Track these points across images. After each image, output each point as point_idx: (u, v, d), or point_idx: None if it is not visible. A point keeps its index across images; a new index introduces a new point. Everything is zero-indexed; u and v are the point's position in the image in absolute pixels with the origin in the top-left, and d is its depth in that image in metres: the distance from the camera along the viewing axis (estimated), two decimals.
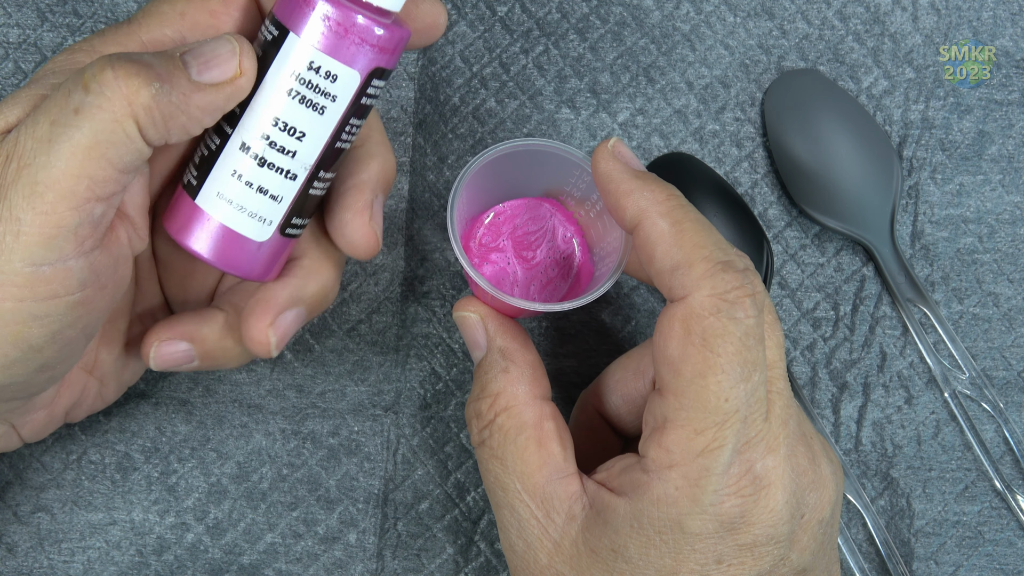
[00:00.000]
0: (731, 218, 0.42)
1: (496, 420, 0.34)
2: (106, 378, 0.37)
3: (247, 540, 0.41)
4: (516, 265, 0.38)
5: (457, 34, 0.43)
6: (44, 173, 0.28)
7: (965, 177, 0.43)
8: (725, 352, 0.29)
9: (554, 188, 0.38)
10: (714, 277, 0.29)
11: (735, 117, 0.43)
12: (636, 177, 0.32)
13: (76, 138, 0.28)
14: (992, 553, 0.42)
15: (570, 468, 0.33)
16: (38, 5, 0.43)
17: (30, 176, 0.28)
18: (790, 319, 0.43)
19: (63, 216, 0.28)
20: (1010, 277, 0.43)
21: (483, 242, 0.38)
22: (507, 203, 0.38)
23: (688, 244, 0.30)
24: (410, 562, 0.42)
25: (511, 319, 0.36)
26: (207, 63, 0.30)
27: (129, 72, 0.29)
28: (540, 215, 0.38)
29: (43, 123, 0.29)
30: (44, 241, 0.28)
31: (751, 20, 0.44)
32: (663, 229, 0.31)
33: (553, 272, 0.38)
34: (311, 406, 0.42)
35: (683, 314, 0.30)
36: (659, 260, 0.31)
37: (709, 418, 0.29)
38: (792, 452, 0.31)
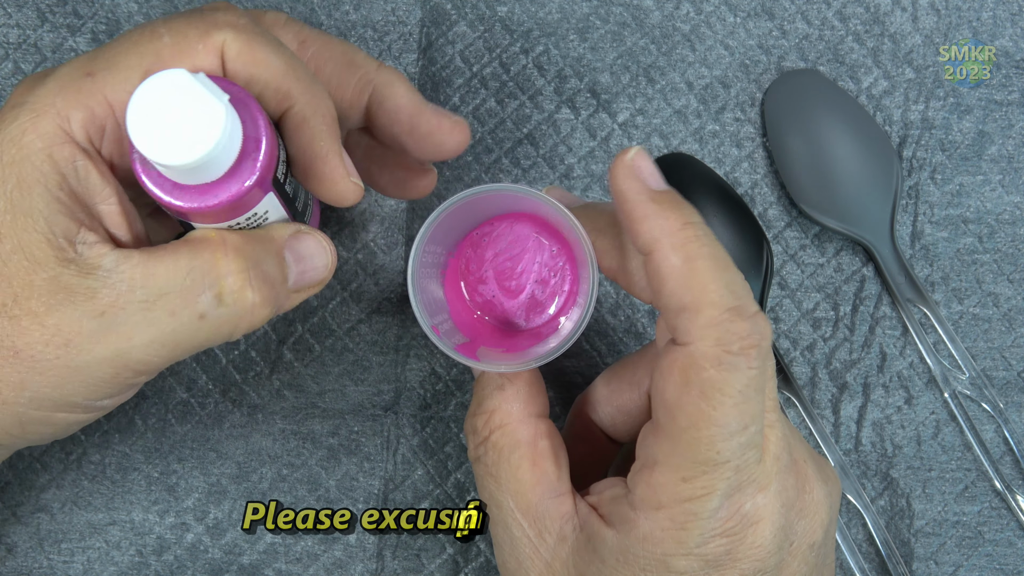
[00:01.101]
0: (731, 218, 0.42)
1: (491, 437, 0.34)
2: None
3: (247, 540, 0.41)
4: (501, 297, 0.38)
5: (457, 34, 0.43)
6: (134, 350, 0.29)
7: (965, 177, 0.43)
8: (722, 406, 0.28)
9: (535, 212, 0.38)
10: (720, 326, 0.28)
11: (735, 117, 0.43)
12: (653, 200, 0.30)
13: (183, 340, 0.29)
14: (992, 553, 0.42)
15: (563, 487, 0.33)
16: (38, 5, 0.43)
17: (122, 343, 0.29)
18: (790, 319, 0.43)
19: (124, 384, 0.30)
20: (1010, 277, 0.43)
21: (470, 269, 0.38)
22: (488, 224, 0.38)
23: (697, 286, 0.28)
24: (410, 562, 0.42)
25: None
26: (305, 274, 0.32)
27: (266, 299, 0.30)
28: (522, 234, 0.38)
29: (160, 308, 0.28)
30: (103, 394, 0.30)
31: (751, 20, 0.44)
32: (673, 265, 0.29)
33: (541, 295, 0.38)
34: (311, 406, 0.42)
35: (684, 362, 0.28)
36: (666, 298, 0.29)
37: (699, 467, 0.28)
38: (783, 486, 0.30)
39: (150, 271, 0.28)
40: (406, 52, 0.43)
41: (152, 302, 0.28)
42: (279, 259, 0.31)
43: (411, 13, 0.43)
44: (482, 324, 0.38)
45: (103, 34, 0.43)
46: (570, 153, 0.43)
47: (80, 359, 0.28)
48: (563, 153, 0.43)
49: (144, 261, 0.28)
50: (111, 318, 0.28)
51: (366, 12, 0.43)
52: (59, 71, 0.28)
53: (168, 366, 0.31)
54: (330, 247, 0.32)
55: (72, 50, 0.43)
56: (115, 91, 0.28)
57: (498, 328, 0.38)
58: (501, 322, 0.38)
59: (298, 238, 0.32)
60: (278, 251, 0.31)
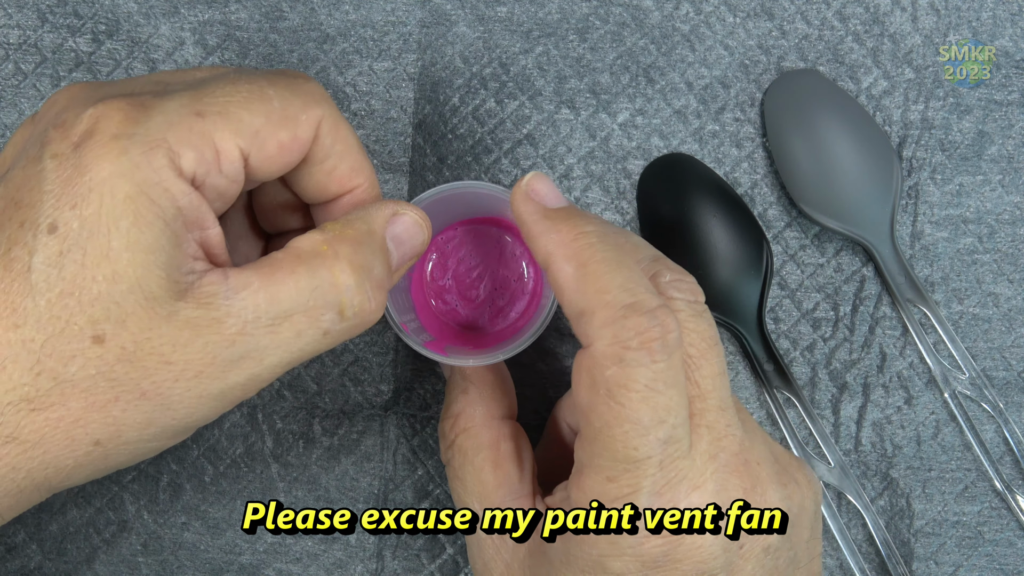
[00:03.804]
0: (730, 218, 0.42)
1: (456, 440, 0.34)
2: None
3: (246, 540, 0.41)
4: (463, 306, 0.40)
5: (457, 34, 0.43)
6: (265, 371, 0.29)
7: (965, 177, 0.43)
8: (629, 402, 0.28)
9: (495, 214, 0.39)
10: (615, 324, 0.28)
11: (735, 117, 0.43)
12: (546, 217, 0.31)
13: (308, 355, 0.29)
14: (992, 553, 0.42)
15: (525, 489, 0.33)
16: (38, 6, 0.43)
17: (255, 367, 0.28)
18: (790, 319, 0.43)
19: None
20: (1010, 277, 0.43)
21: (434, 277, 0.40)
22: (451, 230, 0.39)
23: (591, 289, 0.29)
24: (410, 562, 0.42)
25: None
26: (405, 256, 0.32)
27: (381, 303, 0.30)
28: (485, 241, 0.40)
29: (286, 330, 0.28)
30: None
31: (751, 20, 0.44)
32: (568, 273, 0.29)
33: (502, 301, 0.40)
34: (310, 406, 0.42)
35: (588, 364, 0.28)
36: (567, 307, 0.29)
37: (619, 466, 0.28)
38: (722, 486, 0.30)
39: (273, 295, 0.28)
40: (405, 52, 0.43)
41: (278, 325, 0.28)
42: (384, 254, 0.31)
43: (411, 13, 0.43)
44: (447, 327, 0.39)
45: (103, 34, 0.43)
46: (570, 153, 0.43)
47: (214, 388, 0.28)
48: (563, 153, 0.43)
49: (265, 285, 0.28)
50: (242, 346, 0.28)
51: (366, 12, 0.43)
52: (164, 104, 0.28)
53: None
54: (424, 220, 0.33)
55: (72, 51, 0.43)
56: (223, 139, 0.28)
57: (462, 331, 0.40)
58: (465, 327, 0.40)
59: (395, 222, 0.32)
60: (382, 245, 0.31)
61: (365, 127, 0.43)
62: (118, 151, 0.26)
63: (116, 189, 0.26)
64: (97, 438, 0.27)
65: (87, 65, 0.43)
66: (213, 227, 0.28)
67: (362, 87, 0.43)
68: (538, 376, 0.42)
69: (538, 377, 0.42)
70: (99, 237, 0.26)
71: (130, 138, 0.26)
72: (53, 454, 0.27)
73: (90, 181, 0.26)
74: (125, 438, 0.27)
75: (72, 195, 0.26)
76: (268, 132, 0.29)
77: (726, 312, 0.42)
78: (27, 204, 0.26)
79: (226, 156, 0.28)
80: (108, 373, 0.26)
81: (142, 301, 0.26)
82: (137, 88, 0.29)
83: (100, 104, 0.27)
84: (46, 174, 0.26)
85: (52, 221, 0.26)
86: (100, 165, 0.26)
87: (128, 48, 0.43)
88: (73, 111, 0.27)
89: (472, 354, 0.36)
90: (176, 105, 0.28)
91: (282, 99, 0.29)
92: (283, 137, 0.29)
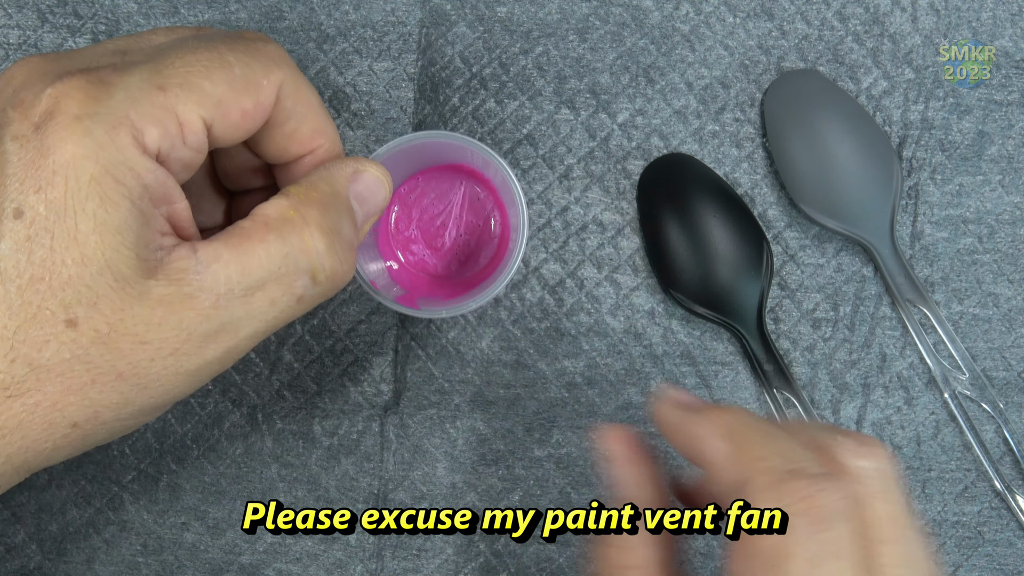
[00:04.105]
0: (730, 218, 0.42)
1: None
2: None
3: (246, 540, 0.41)
4: (430, 255, 0.40)
5: (457, 35, 0.43)
6: (241, 343, 0.29)
7: (965, 177, 0.43)
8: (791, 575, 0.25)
9: (460, 161, 0.40)
10: (776, 489, 0.25)
11: (735, 118, 0.43)
12: (692, 410, 0.29)
13: (282, 322, 0.29)
14: (992, 553, 0.42)
15: None
16: (38, 6, 0.43)
17: (230, 339, 0.28)
18: (790, 319, 0.43)
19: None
20: (1010, 277, 0.43)
21: (399, 229, 0.40)
22: (412, 180, 0.40)
23: (746, 459, 0.26)
24: (410, 562, 0.42)
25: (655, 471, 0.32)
26: (369, 214, 0.32)
27: (352, 263, 0.30)
28: (448, 188, 0.40)
29: (260, 300, 0.28)
30: None
31: (751, 21, 0.44)
32: (721, 449, 0.27)
33: (468, 247, 0.40)
34: (310, 406, 0.42)
35: (744, 538, 0.26)
36: (718, 483, 0.27)
37: None
38: None
39: (244, 265, 0.28)
40: (405, 52, 0.43)
41: (251, 295, 0.28)
42: (350, 213, 0.31)
43: (411, 13, 0.43)
44: (417, 278, 0.40)
45: (103, 34, 0.43)
46: (569, 154, 0.43)
47: (191, 364, 0.28)
48: (563, 154, 0.43)
49: (235, 256, 0.28)
50: (216, 319, 0.27)
51: (366, 12, 0.43)
52: (125, 80, 0.27)
53: None
54: (385, 175, 0.33)
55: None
56: (186, 111, 0.28)
57: (434, 281, 0.40)
58: (435, 276, 0.40)
59: (357, 179, 0.32)
60: (347, 205, 0.31)
61: (365, 127, 0.43)
62: (81, 132, 0.26)
63: (81, 171, 0.26)
64: (75, 420, 0.27)
65: None
66: (180, 201, 0.28)
67: (362, 87, 0.43)
68: (538, 376, 0.42)
69: (538, 377, 0.42)
70: (66, 220, 0.25)
71: (92, 118, 0.26)
72: (31, 438, 0.27)
73: (54, 164, 0.25)
74: (102, 418, 0.27)
75: (36, 178, 0.25)
76: (231, 100, 0.29)
77: (726, 312, 0.42)
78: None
79: (190, 128, 0.28)
80: (83, 356, 0.26)
81: (112, 282, 0.26)
82: (95, 60, 0.28)
83: (59, 83, 0.26)
84: (8, 156, 0.26)
85: (17, 206, 0.25)
86: (64, 147, 0.25)
87: None
88: (31, 89, 0.27)
89: (445, 304, 0.36)
90: (137, 80, 0.27)
91: (243, 65, 0.29)
92: (246, 104, 0.29)
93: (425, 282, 0.40)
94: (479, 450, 0.42)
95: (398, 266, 0.40)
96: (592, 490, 0.42)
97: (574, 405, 0.42)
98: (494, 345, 0.42)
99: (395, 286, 0.37)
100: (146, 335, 0.27)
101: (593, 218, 0.43)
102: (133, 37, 0.30)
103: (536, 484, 0.42)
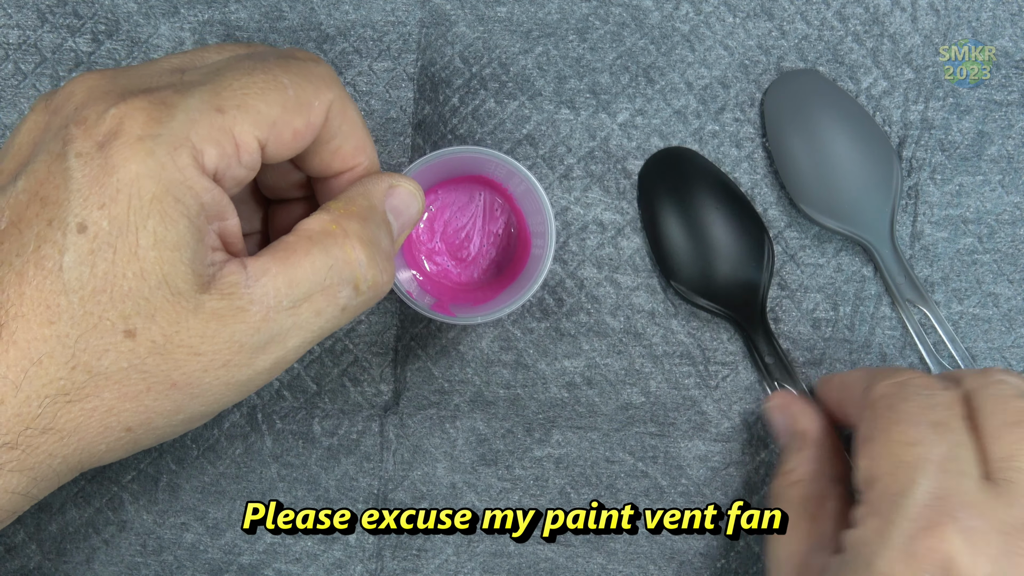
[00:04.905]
0: (731, 211, 0.42)
1: (784, 492, 0.38)
2: None
3: (246, 540, 0.41)
4: (455, 266, 0.41)
5: (456, 34, 0.43)
6: (289, 353, 0.30)
7: (965, 177, 0.43)
8: (907, 410, 0.32)
9: (479, 172, 0.41)
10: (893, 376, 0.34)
11: (735, 117, 0.43)
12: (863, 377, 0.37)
13: (328, 332, 0.30)
14: None
15: (831, 545, 0.34)
16: (38, 6, 0.43)
17: (279, 350, 0.30)
18: (790, 319, 0.43)
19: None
20: (1010, 277, 0.43)
21: (422, 240, 0.41)
22: (432, 193, 0.41)
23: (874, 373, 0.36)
24: (409, 562, 0.42)
25: (815, 406, 0.40)
26: (403, 227, 0.34)
27: (392, 274, 0.31)
28: (468, 201, 0.42)
29: (306, 311, 0.29)
30: None
31: (750, 21, 0.44)
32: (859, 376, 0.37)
33: (492, 253, 0.42)
34: (310, 406, 0.42)
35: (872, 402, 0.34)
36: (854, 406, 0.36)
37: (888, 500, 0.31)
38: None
39: (291, 278, 0.29)
40: (405, 52, 0.43)
41: (298, 307, 0.29)
42: (387, 226, 0.32)
43: (410, 13, 0.43)
44: (444, 288, 0.41)
45: (103, 34, 0.43)
46: (570, 154, 0.43)
47: (242, 375, 0.29)
48: (563, 154, 0.43)
49: (283, 270, 0.29)
50: (266, 332, 0.29)
51: (366, 12, 0.43)
52: (186, 102, 0.28)
53: None
54: (417, 189, 0.34)
55: (72, 51, 0.43)
56: (243, 132, 0.29)
57: (457, 289, 0.41)
58: (459, 285, 0.41)
59: (392, 194, 0.33)
60: (384, 218, 0.32)
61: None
62: (144, 152, 0.27)
63: (143, 189, 0.27)
64: (129, 425, 0.28)
65: (87, 65, 0.43)
66: (232, 217, 0.29)
67: (362, 87, 0.43)
68: (538, 376, 0.42)
69: (538, 377, 0.42)
70: (128, 236, 0.26)
71: (155, 139, 0.27)
72: (87, 441, 0.28)
73: (118, 182, 0.26)
74: (154, 424, 0.29)
75: (100, 195, 0.26)
76: (284, 121, 0.30)
77: (727, 305, 0.42)
78: (53, 202, 0.27)
79: (245, 148, 0.29)
80: (140, 366, 0.27)
81: (169, 296, 0.27)
82: (155, 80, 0.29)
83: (123, 103, 0.27)
84: (72, 172, 0.27)
85: (81, 220, 0.26)
86: (127, 166, 0.27)
87: (128, 48, 0.43)
88: (94, 108, 0.28)
89: (478, 310, 0.38)
90: (197, 102, 0.28)
91: (296, 87, 0.30)
92: (298, 124, 0.30)
93: (449, 290, 0.41)
94: (479, 450, 0.42)
95: (423, 276, 0.41)
96: (592, 490, 0.42)
97: (574, 405, 0.42)
98: (494, 345, 0.42)
99: (426, 295, 0.39)
100: (200, 347, 0.28)
101: (593, 218, 0.43)
102: (189, 54, 0.32)
103: (536, 484, 0.42)
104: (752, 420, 0.42)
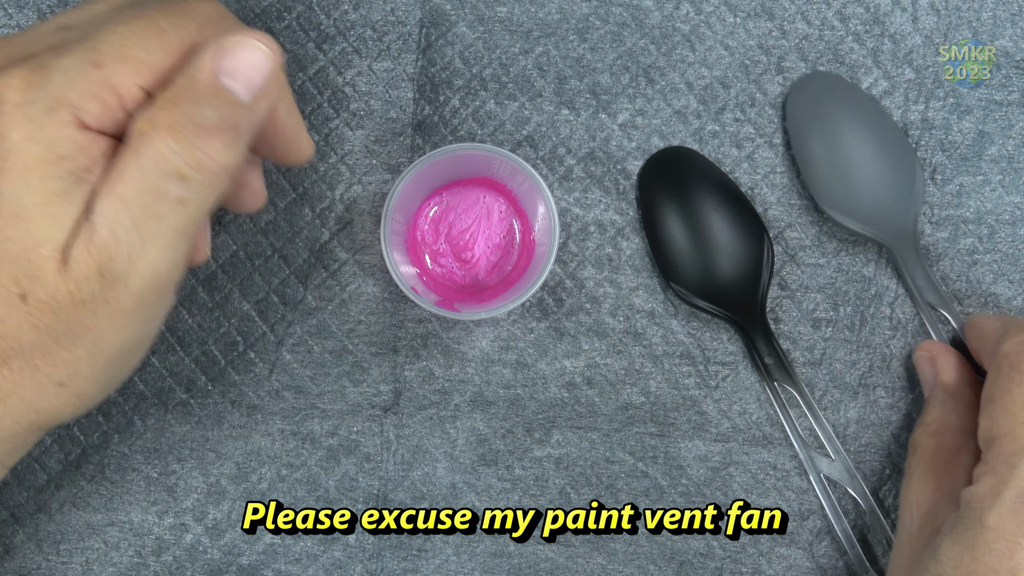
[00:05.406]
0: (731, 210, 0.42)
1: (922, 443, 0.39)
2: None
3: (246, 540, 0.41)
4: (459, 267, 0.42)
5: (456, 35, 0.43)
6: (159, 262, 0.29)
7: (965, 178, 0.43)
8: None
9: (483, 174, 0.41)
10: None
11: (735, 118, 0.43)
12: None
13: (186, 227, 0.30)
14: None
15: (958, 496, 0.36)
16: (38, 6, 0.43)
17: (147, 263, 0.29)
18: (790, 319, 0.43)
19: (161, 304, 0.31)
20: (1010, 278, 0.43)
21: (427, 242, 0.42)
22: (437, 195, 0.42)
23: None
24: (409, 562, 0.41)
25: (960, 359, 0.40)
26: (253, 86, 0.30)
27: (223, 145, 0.29)
28: (472, 203, 0.42)
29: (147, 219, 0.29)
30: None
31: (751, 21, 0.44)
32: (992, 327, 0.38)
33: (495, 256, 0.42)
34: (310, 407, 0.42)
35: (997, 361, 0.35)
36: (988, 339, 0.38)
37: None
38: None
39: (123, 199, 0.28)
40: (405, 52, 0.43)
41: (141, 222, 0.28)
42: (215, 97, 0.29)
43: (410, 13, 0.43)
44: (448, 288, 0.41)
45: None
46: (569, 154, 0.43)
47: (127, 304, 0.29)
48: (563, 154, 0.43)
49: (113, 195, 0.28)
50: (121, 258, 0.28)
51: (365, 12, 0.43)
52: (62, 62, 0.28)
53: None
54: (264, 42, 0.30)
55: None
56: (123, 82, 0.29)
57: (461, 290, 0.42)
58: (463, 286, 0.42)
59: (223, 56, 0.29)
60: (210, 90, 0.29)
61: (364, 127, 0.43)
62: (23, 118, 0.27)
63: (27, 154, 0.27)
64: (58, 380, 0.29)
65: None
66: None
67: (361, 87, 0.43)
68: (538, 376, 0.42)
69: (538, 377, 0.42)
70: (15, 200, 0.27)
71: (32, 104, 0.28)
72: (28, 400, 0.29)
73: (6, 152, 0.27)
74: (83, 374, 0.30)
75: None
76: (166, 65, 0.29)
77: (727, 305, 0.42)
78: None
79: (128, 97, 0.29)
80: (40, 325, 0.28)
81: (54, 252, 0.28)
82: (37, 43, 0.30)
83: (3, 75, 0.28)
84: None
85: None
86: (10, 135, 0.27)
87: None
88: None
89: (481, 307, 0.38)
90: (75, 61, 0.28)
91: (176, 28, 0.30)
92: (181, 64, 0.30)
93: (454, 292, 0.41)
94: (479, 450, 0.42)
95: (427, 277, 0.41)
96: (592, 490, 0.42)
97: (574, 405, 0.42)
98: (494, 345, 0.42)
99: (431, 293, 0.39)
100: (79, 294, 0.28)
101: (593, 219, 0.43)
102: (76, 10, 0.32)
103: (536, 484, 0.42)
104: (752, 420, 0.42)
